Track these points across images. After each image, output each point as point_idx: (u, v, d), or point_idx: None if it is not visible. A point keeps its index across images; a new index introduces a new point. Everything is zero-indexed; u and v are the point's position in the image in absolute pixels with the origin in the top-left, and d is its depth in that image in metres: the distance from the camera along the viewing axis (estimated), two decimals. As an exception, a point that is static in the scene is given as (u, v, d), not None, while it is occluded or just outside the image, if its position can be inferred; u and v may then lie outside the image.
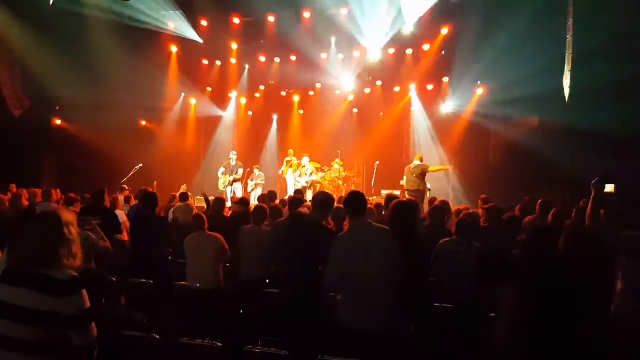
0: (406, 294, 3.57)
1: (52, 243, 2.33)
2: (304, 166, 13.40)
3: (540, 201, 6.06)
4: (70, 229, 2.42)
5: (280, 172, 14.04)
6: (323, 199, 4.17)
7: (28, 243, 2.33)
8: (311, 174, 13.34)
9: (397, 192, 12.51)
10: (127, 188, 10.47)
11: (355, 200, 3.69)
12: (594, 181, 3.65)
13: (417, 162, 11.79)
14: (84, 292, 2.32)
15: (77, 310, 2.27)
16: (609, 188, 3.49)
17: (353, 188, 14.14)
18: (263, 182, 13.47)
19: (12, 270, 2.32)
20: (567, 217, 5.29)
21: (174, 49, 13.94)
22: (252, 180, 13.51)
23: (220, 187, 13.33)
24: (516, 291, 3.31)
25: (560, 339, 3.18)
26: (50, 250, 2.32)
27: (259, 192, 13.26)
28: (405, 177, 11.86)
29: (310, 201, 4.57)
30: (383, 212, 6.11)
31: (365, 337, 3.35)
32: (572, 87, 9.68)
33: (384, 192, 12.51)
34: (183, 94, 15.66)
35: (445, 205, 6.54)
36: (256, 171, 13.62)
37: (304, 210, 4.73)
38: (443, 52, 12.58)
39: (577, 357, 3.32)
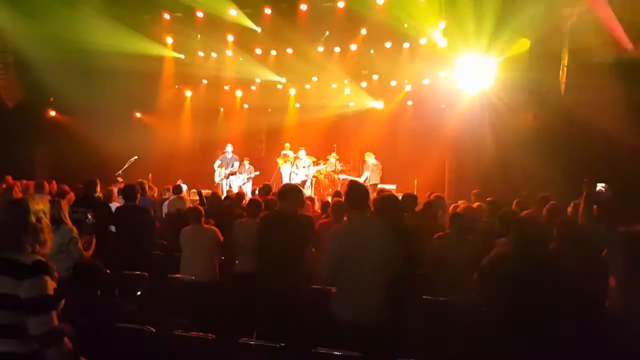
0: (401, 288, 3.58)
1: (13, 229, 2.36)
2: (301, 159, 13.39)
3: (539, 196, 6.09)
4: (40, 215, 2.44)
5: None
6: (285, 189, 4.22)
7: None
8: (308, 166, 13.32)
9: (391, 187, 12.58)
10: (121, 180, 10.41)
11: (354, 192, 3.64)
12: (585, 180, 3.69)
13: (375, 160, 12.84)
14: (46, 278, 2.31)
15: (36, 295, 2.26)
16: (600, 186, 3.53)
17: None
18: (254, 175, 13.45)
19: None
20: (562, 212, 5.31)
21: (169, 40, 13.83)
22: (242, 174, 13.48)
23: (216, 179, 13.33)
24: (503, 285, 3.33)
25: (546, 331, 3.20)
26: (12, 235, 2.35)
27: (250, 185, 13.27)
28: (368, 173, 12.75)
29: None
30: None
31: (360, 329, 3.36)
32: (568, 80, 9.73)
33: (379, 186, 12.54)
34: (177, 86, 15.57)
35: (439, 200, 6.55)
36: (246, 164, 13.57)
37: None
38: (442, 45, 12.53)
39: (568, 352, 3.34)
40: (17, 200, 2.51)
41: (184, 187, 10.07)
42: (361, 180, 12.52)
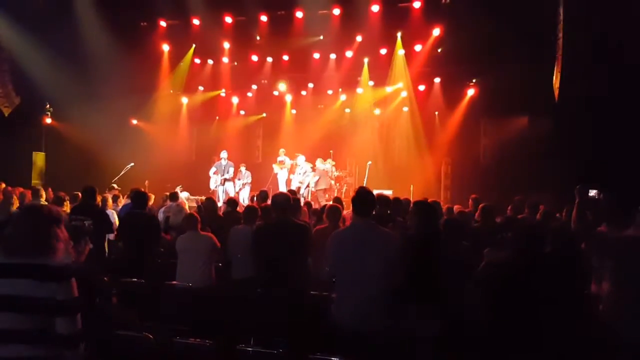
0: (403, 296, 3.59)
1: (41, 234, 2.41)
2: (299, 165, 13.41)
3: (529, 201, 6.13)
4: (59, 223, 2.51)
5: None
6: (277, 198, 4.25)
7: (18, 234, 2.41)
8: (304, 173, 13.32)
9: (387, 192, 12.61)
10: (116, 187, 10.41)
11: (358, 198, 3.65)
12: (578, 187, 3.72)
13: (325, 165, 12.95)
14: (74, 281, 2.39)
15: (68, 297, 2.34)
16: (593, 192, 3.59)
17: (345, 188, 14.22)
18: (250, 181, 13.46)
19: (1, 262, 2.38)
20: (555, 217, 5.36)
21: (165, 47, 13.89)
22: (239, 180, 13.48)
23: (212, 186, 13.34)
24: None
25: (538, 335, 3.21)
26: (41, 241, 2.40)
27: (246, 190, 13.27)
28: (320, 178, 12.82)
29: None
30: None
31: (358, 336, 3.37)
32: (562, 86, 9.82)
33: (376, 192, 12.57)
34: (173, 92, 15.59)
35: (436, 205, 6.57)
36: (243, 170, 13.56)
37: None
38: (439, 50, 12.66)
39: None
40: (39, 206, 2.55)
41: (185, 194, 10.04)
42: (311, 186, 12.69)
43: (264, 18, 12.51)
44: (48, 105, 13.19)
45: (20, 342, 2.30)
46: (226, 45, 13.86)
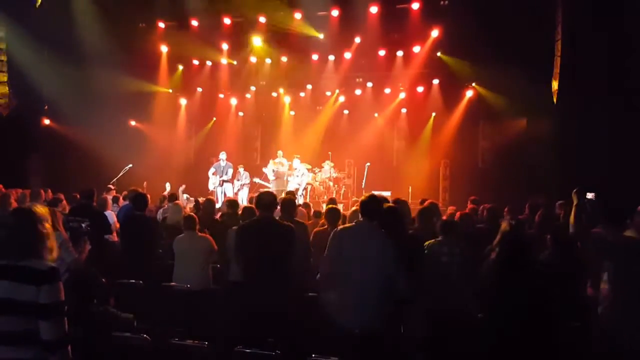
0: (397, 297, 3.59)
1: (27, 237, 2.39)
2: (295, 168, 13.40)
3: (528, 202, 6.13)
4: (45, 224, 2.48)
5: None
6: (267, 199, 4.22)
7: (2, 236, 2.39)
8: (301, 175, 13.31)
9: (386, 194, 12.61)
10: (113, 188, 10.39)
11: (363, 203, 3.77)
12: (575, 190, 3.72)
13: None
14: (60, 284, 2.37)
15: (51, 300, 2.31)
16: (590, 196, 3.60)
17: (344, 190, 14.22)
18: (248, 182, 13.43)
19: None
20: (554, 219, 5.36)
21: (164, 48, 13.88)
22: (237, 181, 13.45)
23: (210, 187, 13.32)
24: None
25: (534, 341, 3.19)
26: (27, 243, 2.38)
27: (245, 191, 13.24)
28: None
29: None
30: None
31: (355, 336, 3.37)
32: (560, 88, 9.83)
33: (375, 194, 12.54)
34: (171, 93, 15.59)
35: (434, 206, 6.57)
36: (241, 170, 13.53)
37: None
38: (438, 54, 12.69)
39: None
40: (25, 209, 2.53)
41: (186, 196, 10.01)
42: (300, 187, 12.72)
43: (262, 19, 12.51)
44: (46, 107, 13.16)
45: (4, 344, 2.29)
46: (225, 46, 13.85)
